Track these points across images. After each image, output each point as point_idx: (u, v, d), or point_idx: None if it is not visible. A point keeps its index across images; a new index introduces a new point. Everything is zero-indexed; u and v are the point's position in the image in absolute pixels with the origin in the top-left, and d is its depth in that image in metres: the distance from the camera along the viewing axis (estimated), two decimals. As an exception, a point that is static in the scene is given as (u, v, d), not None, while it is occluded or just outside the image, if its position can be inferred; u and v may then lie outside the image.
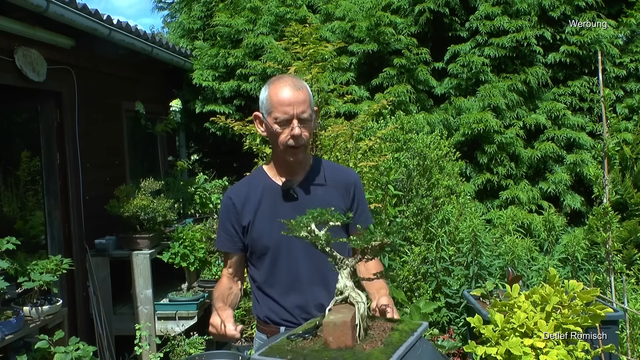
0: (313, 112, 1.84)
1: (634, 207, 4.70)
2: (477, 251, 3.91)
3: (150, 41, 5.16)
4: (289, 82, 1.81)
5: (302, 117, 1.78)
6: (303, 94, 1.79)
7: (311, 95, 1.84)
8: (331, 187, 1.91)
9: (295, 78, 1.86)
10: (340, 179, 1.94)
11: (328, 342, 1.34)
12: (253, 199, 1.89)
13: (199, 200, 5.56)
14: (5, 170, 4.63)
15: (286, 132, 1.79)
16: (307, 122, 1.80)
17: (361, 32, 5.79)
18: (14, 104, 4.53)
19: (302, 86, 1.81)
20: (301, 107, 1.77)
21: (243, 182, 1.99)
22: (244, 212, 1.88)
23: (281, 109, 1.78)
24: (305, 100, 1.79)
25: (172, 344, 4.18)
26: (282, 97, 1.78)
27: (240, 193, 1.92)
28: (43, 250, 4.37)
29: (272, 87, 1.84)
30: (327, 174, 1.94)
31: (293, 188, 1.88)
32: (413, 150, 4.65)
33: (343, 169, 2.04)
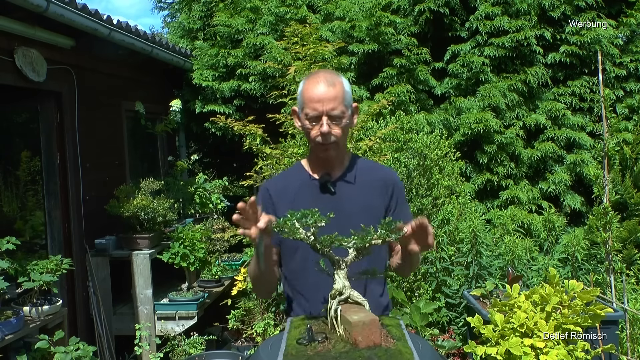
0: (348, 108, 1.82)
1: (634, 207, 4.70)
2: (477, 251, 3.91)
3: (150, 41, 5.16)
4: (322, 78, 1.79)
5: (331, 114, 1.77)
6: (334, 91, 1.77)
7: (347, 91, 1.82)
8: (369, 185, 1.89)
9: (330, 74, 1.83)
10: (379, 177, 1.91)
11: (357, 341, 1.35)
12: (289, 192, 1.89)
13: (199, 200, 5.56)
14: (5, 170, 4.63)
15: (316, 129, 1.79)
16: (337, 119, 1.78)
17: (361, 32, 5.79)
18: (14, 104, 4.53)
19: (335, 82, 1.79)
20: (331, 104, 1.76)
21: (280, 175, 2.00)
22: (280, 204, 1.88)
23: (311, 105, 1.77)
24: (336, 97, 1.77)
25: (172, 344, 4.19)
26: (312, 94, 1.77)
27: (277, 185, 1.92)
28: (43, 250, 4.38)
29: (305, 82, 1.83)
30: (365, 171, 1.92)
31: (331, 183, 1.87)
32: (413, 150, 4.64)
33: (383, 168, 2.02)
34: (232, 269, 5.32)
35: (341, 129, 1.81)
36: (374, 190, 1.88)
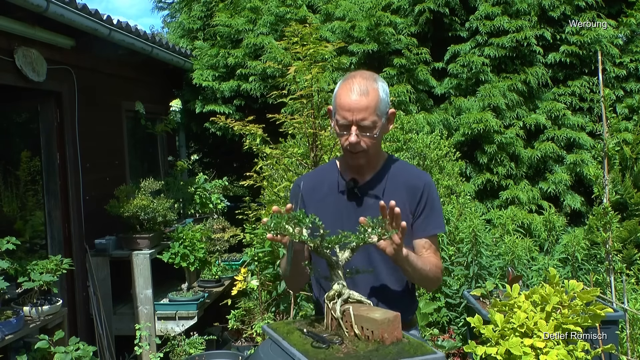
0: (381, 117, 1.75)
1: (634, 207, 4.70)
2: (477, 251, 3.91)
3: (150, 41, 5.16)
4: (356, 85, 1.72)
5: (361, 124, 1.71)
6: (366, 100, 1.70)
7: (381, 99, 1.74)
8: (396, 190, 1.83)
9: (366, 79, 1.75)
10: (407, 183, 1.85)
11: (384, 338, 1.39)
12: (319, 191, 1.88)
13: (199, 200, 5.56)
14: (5, 170, 4.63)
15: (345, 137, 1.75)
16: (368, 129, 1.72)
17: (361, 32, 5.79)
18: (14, 104, 4.53)
19: (368, 91, 1.71)
20: (361, 114, 1.70)
21: (315, 171, 1.99)
22: (310, 200, 1.88)
23: (342, 113, 1.72)
24: (367, 107, 1.70)
25: (172, 344, 4.18)
26: (344, 101, 1.72)
27: (310, 182, 1.91)
28: (43, 250, 4.38)
29: (340, 86, 1.77)
30: (396, 175, 1.87)
31: (357, 188, 1.84)
32: (413, 150, 4.64)
33: (414, 172, 1.93)
34: (232, 269, 5.32)
35: (372, 138, 1.75)
36: (401, 194, 1.82)
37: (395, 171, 1.87)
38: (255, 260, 4.02)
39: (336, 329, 1.49)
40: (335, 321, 1.49)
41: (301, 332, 1.48)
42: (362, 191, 1.84)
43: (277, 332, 1.52)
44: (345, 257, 1.55)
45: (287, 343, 1.45)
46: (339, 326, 1.48)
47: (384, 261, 1.77)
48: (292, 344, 1.44)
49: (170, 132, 6.30)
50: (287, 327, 1.55)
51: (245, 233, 4.26)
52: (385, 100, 1.76)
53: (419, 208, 1.84)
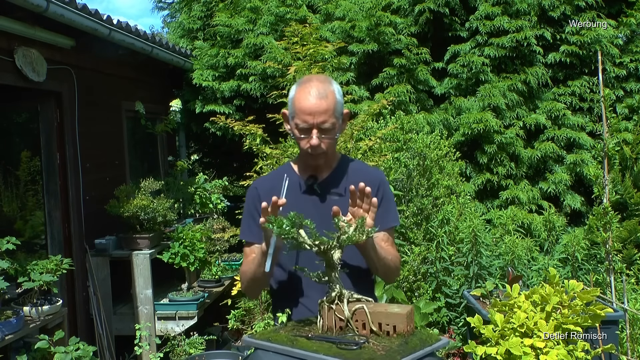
0: (339, 118, 1.81)
1: (634, 207, 4.70)
2: (477, 251, 3.91)
3: (150, 41, 5.16)
4: (314, 88, 1.76)
5: (322, 127, 1.76)
6: (326, 103, 1.75)
7: (338, 101, 1.80)
8: (355, 184, 1.84)
9: (323, 82, 1.80)
10: (365, 177, 1.88)
11: (407, 331, 1.43)
12: (277, 192, 1.87)
13: (199, 200, 5.56)
14: (5, 170, 4.63)
15: (306, 141, 1.79)
16: (328, 131, 1.78)
17: (361, 32, 5.79)
18: (14, 103, 4.54)
19: (326, 94, 1.76)
20: (322, 117, 1.75)
21: (270, 175, 2.02)
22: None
23: (302, 117, 1.76)
24: (327, 110, 1.75)
25: (172, 344, 4.18)
26: (303, 105, 1.75)
27: (266, 185, 1.94)
28: (43, 250, 4.38)
29: (297, 90, 1.80)
30: (352, 172, 1.93)
31: (317, 183, 1.88)
32: (413, 150, 4.64)
33: (369, 169, 2.02)
34: (232, 269, 5.32)
35: (331, 139, 1.81)
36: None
37: (350, 169, 1.94)
38: (255, 260, 4.01)
39: (344, 330, 1.46)
40: (341, 322, 1.47)
41: (305, 338, 1.44)
42: (322, 188, 1.89)
43: (277, 342, 1.44)
44: (337, 257, 1.54)
45: (307, 351, 1.38)
46: (347, 326, 1.46)
47: (350, 259, 1.79)
48: (314, 350, 1.38)
49: (170, 132, 6.29)
50: (282, 335, 1.47)
51: (245, 233, 4.25)
52: (340, 102, 1.82)
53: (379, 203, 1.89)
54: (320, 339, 1.43)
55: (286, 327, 1.54)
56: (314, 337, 1.44)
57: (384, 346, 1.37)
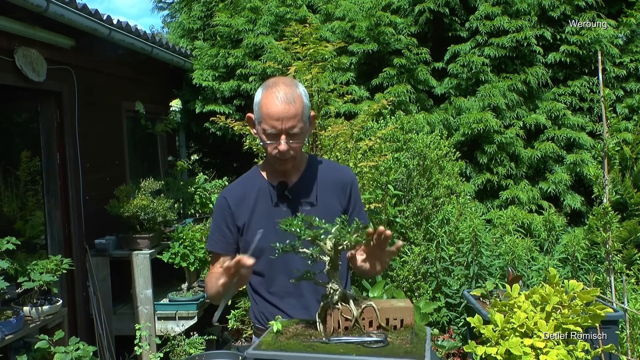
0: (306, 122, 1.77)
1: (634, 207, 4.70)
2: (477, 251, 3.91)
3: (150, 41, 5.16)
4: (281, 93, 1.71)
5: (291, 132, 1.72)
6: (294, 108, 1.70)
7: (305, 105, 1.76)
8: (326, 187, 1.88)
9: (289, 86, 1.75)
10: (336, 179, 1.90)
11: (412, 324, 1.46)
12: (248, 200, 1.87)
13: (199, 200, 5.56)
14: (5, 170, 4.63)
15: (273, 146, 1.75)
16: (297, 136, 1.74)
17: (361, 32, 5.79)
18: (14, 104, 4.53)
19: (294, 98, 1.71)
20: (290, 122, 1.70)
21: (238, 183, 1.96)
22: (239, 212, 1.86)
23: (270, 122, 1.71)
24: (295, 115, 1.71)
25: (172, 344, 4.18)
26: (271, 111, 1.70)
27: (236, 193, 1.89)
28: (43, 250, 4.37)
29: (263, 95, 1.75)
30: (322, 174, 1.90)
31: (288, 189, 1.85)
32: (413, 150, 4.65)
33: (339, 168, 1.99)
34: (232, 269, 5.30)
35: (299, 144, 1.77)
36: (331, 192, 1.87)
37: (320, 169, 1.91)
38: (255, 260, 4.01)
39: (350, 330, 1.44)
40: (347, 322, 1.45)
41: (320, 342, 1.40)
42: (293, 193, 1.85)
43: (295, 350, 1.38)
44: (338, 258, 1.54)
45: (337, 354, 1.33)
46: (354, 326, 1.45)
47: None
48: (341, 352, 1.34)
49: (170, 132, 6.29)
50: (293, 344, 1.41)
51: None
52: (308, 105, 1.78)
53: (351, 203, 1.90)
54: (339, 341, 1.40)
55: (282, 335, 1.47)
56: (331, 341, 1.40)
57: (402, 339, 1.39)
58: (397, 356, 1.30)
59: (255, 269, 1.85)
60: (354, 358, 1.30)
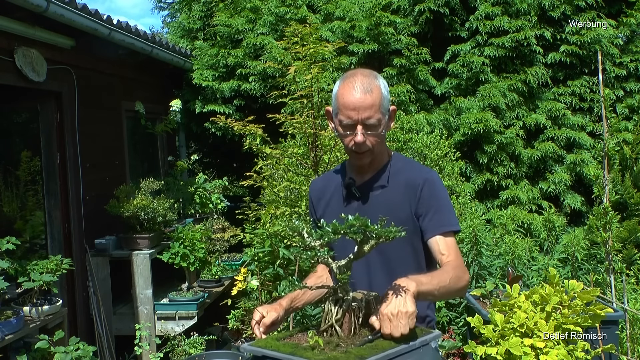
0: (385, 114, 1.71)
1: (634, 207, 4.70)
2: (477, 251, 3.91)
3: (150, 41, 5.16)
4: (359, 82, 1.67)
5: (367, 122, 1.67)
6: (371, 98, 1.66)
7: (384, 96, 1.70)
8: (394, 188, 1.79)
9: (367, 76, 1.70)
10: (405, 180, 1.79)
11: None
12: (327, 194, 1.88)
13: (199, 200, 5.56)
14: (5, 170, 4.62)
15: (350, 138, 1.70)
16: (373, 127, 1.68)
17: (361, 32, 5.79)
18: (14, 104, 4.53)
19: (371, 88, 1.67)
20: (367, 113, 1.66)
21: (324, 175, 2.01)
22: (319, 205, 1.90)
23: (346, 112, 1.67)
24: (372, 105, 1.66)
25: (172, 344, 4.18)
26: (347, 100, 1.67)
27: (318, 186, 1.94)
28: (43, 250, 4.37)
29: (341, 85, 1.72)
30: (396, 174, 1.81)
31: (355, 187, 1.81)
32: (413, 150, 4.64)
33: (415, 169, 1.84)
34: (232, 269, 5.31)
35: (377, 136, 1.71)
36: (402, 193, 1.77)
37: (397, 169, 1.82)
38: (255, 260, 4.01)
39: (370, 328, 1.48)
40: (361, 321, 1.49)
41: (366, 341, 1.42)
42: (362, 190, 1.81)
43: (277, 350, 1.41)
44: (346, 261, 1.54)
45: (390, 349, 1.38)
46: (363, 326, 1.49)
47: (381, 266, 1.76)
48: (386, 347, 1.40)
49: (170, 132, 6.29)
50: (282, 344, 1.45)
51: (245, 233, 4.25)
52: (387, 97, 1.72)
53: (421, 205, 1.74)
54: (369, 341, 1.42)
55: (291, 337, 1.50)
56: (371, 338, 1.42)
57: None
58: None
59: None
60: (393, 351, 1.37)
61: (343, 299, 1.47)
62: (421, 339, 1.45)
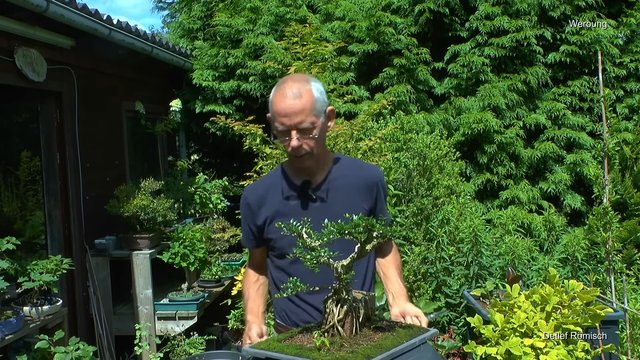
0: (319, 116, 1.74)
1: (634, 207, 4.70)
2: (477, 251, 3.91)
3: (150, 41, 5.16)
4: (288, 89, 1.72)
5: (300, 127, 1.71)
6: (301, 103, 1.69)
7: (317, 99, 1.73)
8: (353, 187, 1.84)
9: (298, 82, 1.75)
10: (363, 178, 1.86)
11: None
12: (271, 199, 1.86)
13: (199, 200, 5.56)
14: (5, 170, 4.63)
15: (287, 142, 1.74)
16: (308, 130, 1.72)
17: (361, 32, 5.79)
18: (14, 104, 4.53)
19: (301, 93, 1.71)
20: (298, 118, 1.69)
21: (261, 181, 1.98)
22: (261, 212, 1.87)
23: (279, 119, 1.72)
24: (303, 110, 1.70)
25: (172, 344, 4.19)
26: (279, 108, 1.71)
27: (258, 192, 1.90)
28: (43, 250, 4.37)
29: (274, 93, 1.77)
30: (349, 173, 1.87)
31: (312, 189, 1.83)
32: (413, 150, 4.64)
33: (367, 167, 1.96)
34: (232, 269, 5.32)
35: (313, 139, 1.74)
36: (358, 192, 1.85)
37: (346, 168, 1.88)
38: (255, 260, 4.01)
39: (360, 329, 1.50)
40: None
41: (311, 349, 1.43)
42: (318, 192, 1.83)
43: (281, 352, 1.43)
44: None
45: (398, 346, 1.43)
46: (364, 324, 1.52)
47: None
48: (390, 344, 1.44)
49: (170, 132, 6.29)
50: (285, 346, 1.46)
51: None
52: (320, 99, 1.75)
53: (378, 203, 1.88)
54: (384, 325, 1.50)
55: (291, 338, 1.51)
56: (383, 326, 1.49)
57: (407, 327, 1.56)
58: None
59: (277, 266, 1.89)
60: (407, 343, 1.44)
61: (345, 299, 1.47)
62: (421, 337, 1.47)
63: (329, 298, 1.50)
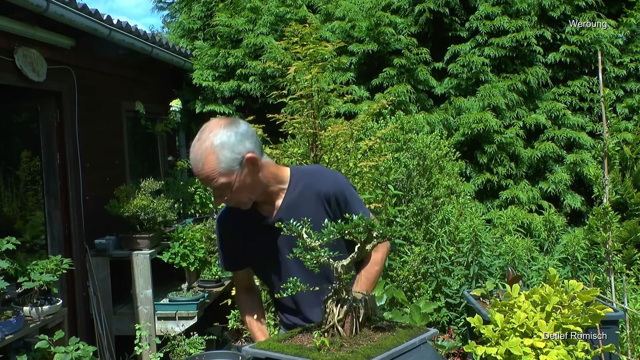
0: (233, 172, 1.65)
1: (634, 207, 4.70)
2: (477, 251, 3.91)
3: (150, 41, 5.16)
4: (193, 153, 1.66)
5: (215, 187, 1.67)
6: (204, 170, 1.64)
7: (220, 159, 1.63)
8: (311, 201, 1.80)
9: (202, 142, 1.65)
10: (317, 190, 1.81)
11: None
12: (239, 226, 1.88)
13: (199, 200, 5.56)
14: (5, 170, 4.63)
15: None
16: (226, 188, 1.67)
17: (361, 32, 5.79)
18: (14, 104, 4.53)
19: (202, 159, 1.64)
20: (209, 183, 1.66)
21: (230, 208, 1.90)
22: (233, 237, 1.91)
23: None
24: (209, 176, 1.64)
25: (172, 344, 4.18)
26: (194, 171, 1.70)
27: (227, 220, 1.92)
28: (43, 250, 4.37)
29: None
30: (306, 189, 1.82)
31: (271, 220, 1.80)
32: (413, 150, 4.65)
33: (319, 179, 1.85)
34: (232, 269, 5.30)
35: (237, 191, 1.68)
36: (316, 205, 1.80)
37: (303, 185, 1.82)
38: (255, 260, 4.01)
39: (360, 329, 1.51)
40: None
41: (311, 349, 1.44)
42: (282, 218, 1.75)
43: (281, 352, 1.43)
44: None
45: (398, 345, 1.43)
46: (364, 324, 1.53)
47: (299, 269, 1.76)
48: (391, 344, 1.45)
49: (170, 132, 6.29)
50: (285, 346, 1.47)
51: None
52: (227, 156, 1.64)
53: (338, 210, 1.80)
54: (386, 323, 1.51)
55: (291, 338, 1.51)
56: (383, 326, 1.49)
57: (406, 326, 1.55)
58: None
59: (265, 284, 1.97)
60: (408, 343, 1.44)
61: (345, 299, 1.47)
62: (420, 337, 1.48)
63: (329, 298, 1.50)
